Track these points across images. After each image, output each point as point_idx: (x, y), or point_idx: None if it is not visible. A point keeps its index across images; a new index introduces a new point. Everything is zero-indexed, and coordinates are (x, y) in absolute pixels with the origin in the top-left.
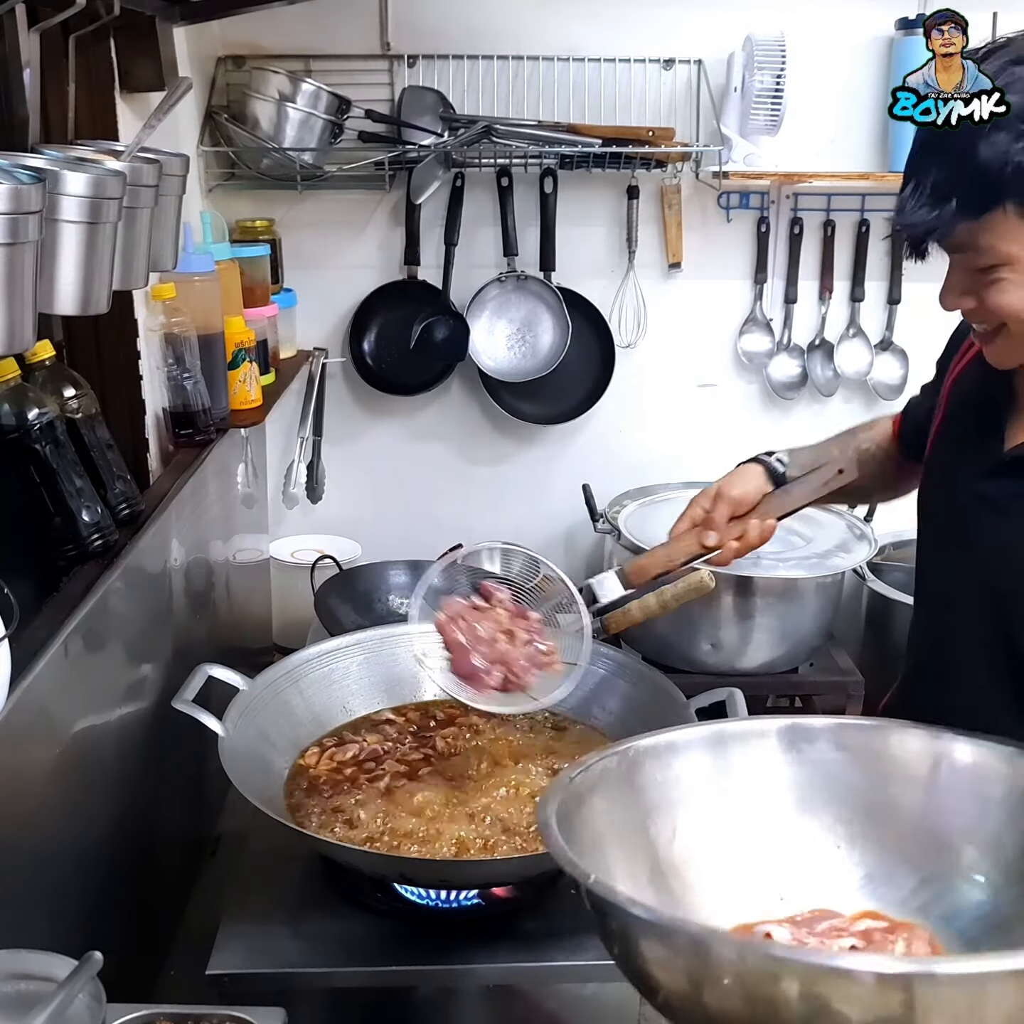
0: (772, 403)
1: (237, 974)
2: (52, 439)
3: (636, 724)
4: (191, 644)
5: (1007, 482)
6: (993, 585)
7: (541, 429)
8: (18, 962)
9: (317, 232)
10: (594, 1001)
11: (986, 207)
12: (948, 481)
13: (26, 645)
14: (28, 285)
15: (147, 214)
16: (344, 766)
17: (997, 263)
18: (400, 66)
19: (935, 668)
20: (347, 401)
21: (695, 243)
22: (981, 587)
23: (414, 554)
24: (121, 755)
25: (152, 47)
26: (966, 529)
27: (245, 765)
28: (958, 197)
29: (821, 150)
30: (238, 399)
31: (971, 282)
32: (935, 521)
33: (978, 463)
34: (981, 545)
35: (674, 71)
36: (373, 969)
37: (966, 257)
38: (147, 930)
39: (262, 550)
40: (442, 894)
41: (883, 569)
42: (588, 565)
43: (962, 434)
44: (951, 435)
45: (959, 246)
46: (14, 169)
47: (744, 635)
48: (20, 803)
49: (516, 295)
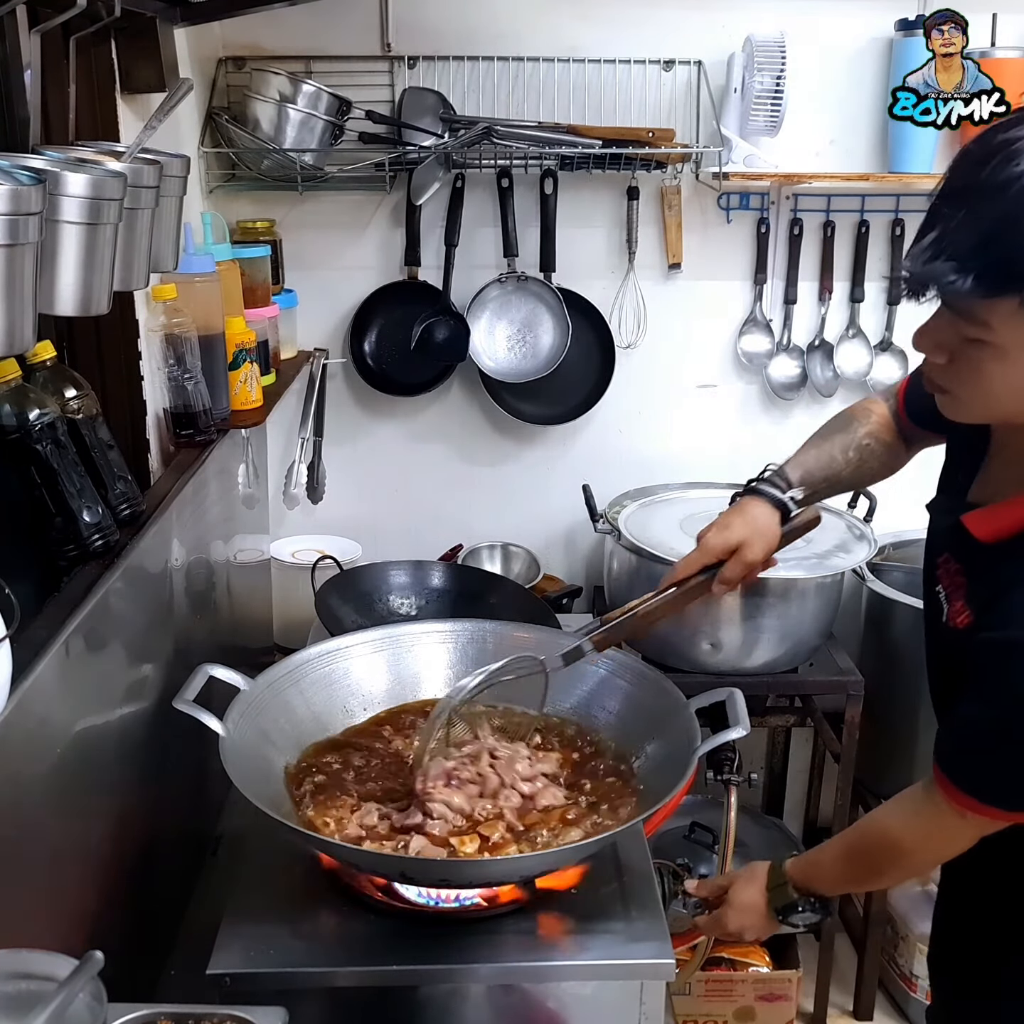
0: (772, 404)
1: (238, 973)
2: (53, 439)
3: (636, 724)
4: (192, 644)
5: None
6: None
7: (541, 429)
8: (19, 961)
9: (318, 233)
10: (595, 1000)
11: (1002, 291)
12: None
13: (27, 645)
14: (28, 286)
15: (148, 215)
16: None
17: (985, 340)
18: (400, 67)
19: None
20: (348, 402)
21: (695, 244)
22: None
23: (415, 554)
24: (122, 755)
25: (153, 48)
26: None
27: (246, 765)
28: (978, 272)
29: (821, 151)
30: (239, 399)
31: (951, 341)
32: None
33: (947, 502)
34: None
35: (674, 72)
36: (374, 968)
37: (958, 320)
38: (148, 929)
39: (263, 550)
40: (443, 893)
41: (883, 569)
42: (588, 565)
43: (951, 462)
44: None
45: (958, 310)
46: (14, 170)
47: (744, 635)
48: (21, 803)
49: (516, 296)
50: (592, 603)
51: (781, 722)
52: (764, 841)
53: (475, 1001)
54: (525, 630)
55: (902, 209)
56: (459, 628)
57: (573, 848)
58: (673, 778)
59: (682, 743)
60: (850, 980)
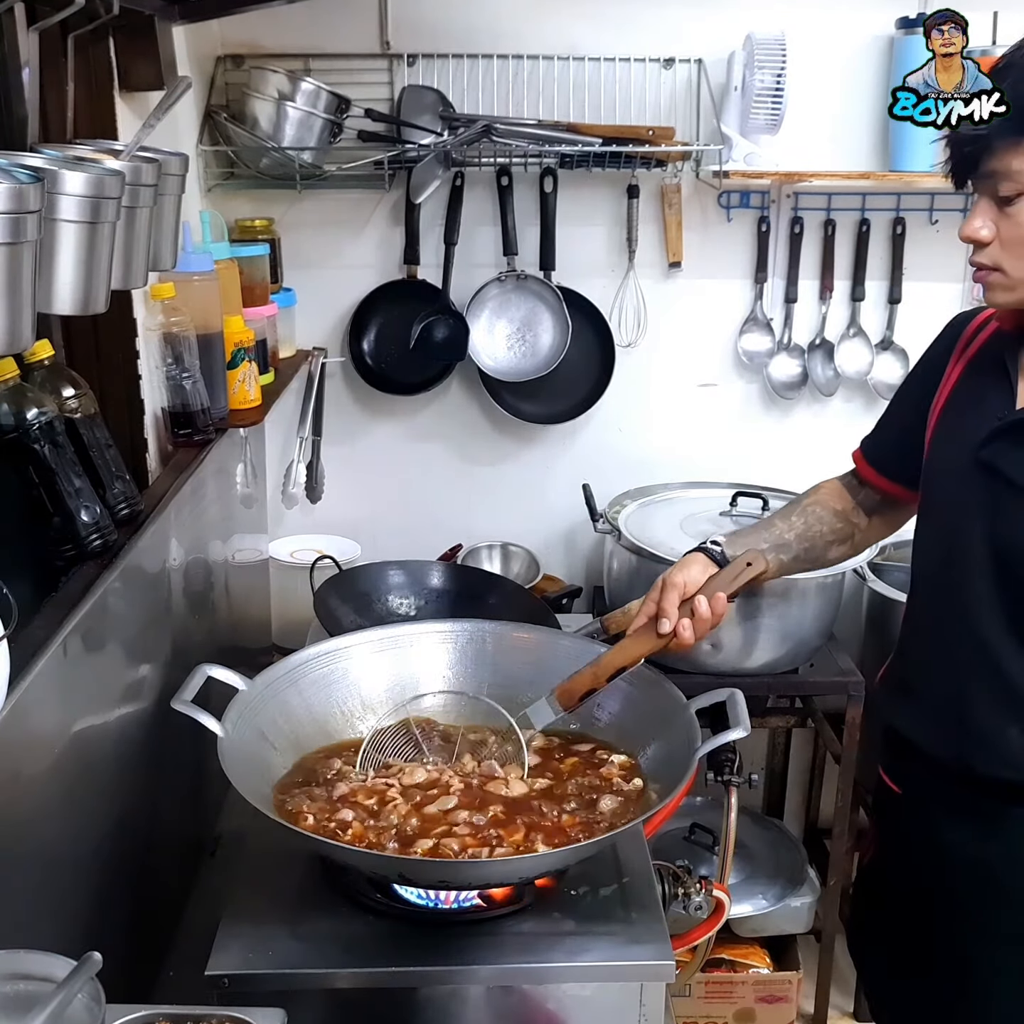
0: (772, 403)
1: (236, 974)
2: (51, 439)
3: (636, 725)
4: (190, 644)
5: (1012, 441)
6: (993, 541)
7: (541, 429)
8: (17, 962)
9: (316, 231)
10: (594, 1001)
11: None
12: (957, 444)
13: (25, 645)
14: (27, 285)
15: (146, 213)
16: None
17: (1021, 192)
18: (400, 65)
19: (941, 622)
20: (346, 401)
21: (695, 242)
22: (982, 543)
23: (414, 554)
24: (120, 756)
25: (151, 46)
26: (972, 489)
27: (244, 765)
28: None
29: (821, 149)
30: (237, 399)
31: (994, 213)
32: (941, 481)
33: (988, 424)
34: (985, 503)
35: (674, 70)
36: (372, 970)
37: (994, 184)
38: (146, 930)
39: (261, 550)
40: (441, 894)
41: (884, 569)
42: (588, 565)
43: (973, 401)
44: (961, 404)
45: (992, 171)
46: (13, 168)
47: (744, 636)
48: (19, 803)
49: (516, 294)
50: (592, 603)
51: (782, 723)
52: (764, 842)
53: (474, 1002)
54: (524, 630)
55: (903, 208)
56: (458, 628)
57: (573, 849)
58: (673, 779)
59: (682, 744)
60: (850, 981)
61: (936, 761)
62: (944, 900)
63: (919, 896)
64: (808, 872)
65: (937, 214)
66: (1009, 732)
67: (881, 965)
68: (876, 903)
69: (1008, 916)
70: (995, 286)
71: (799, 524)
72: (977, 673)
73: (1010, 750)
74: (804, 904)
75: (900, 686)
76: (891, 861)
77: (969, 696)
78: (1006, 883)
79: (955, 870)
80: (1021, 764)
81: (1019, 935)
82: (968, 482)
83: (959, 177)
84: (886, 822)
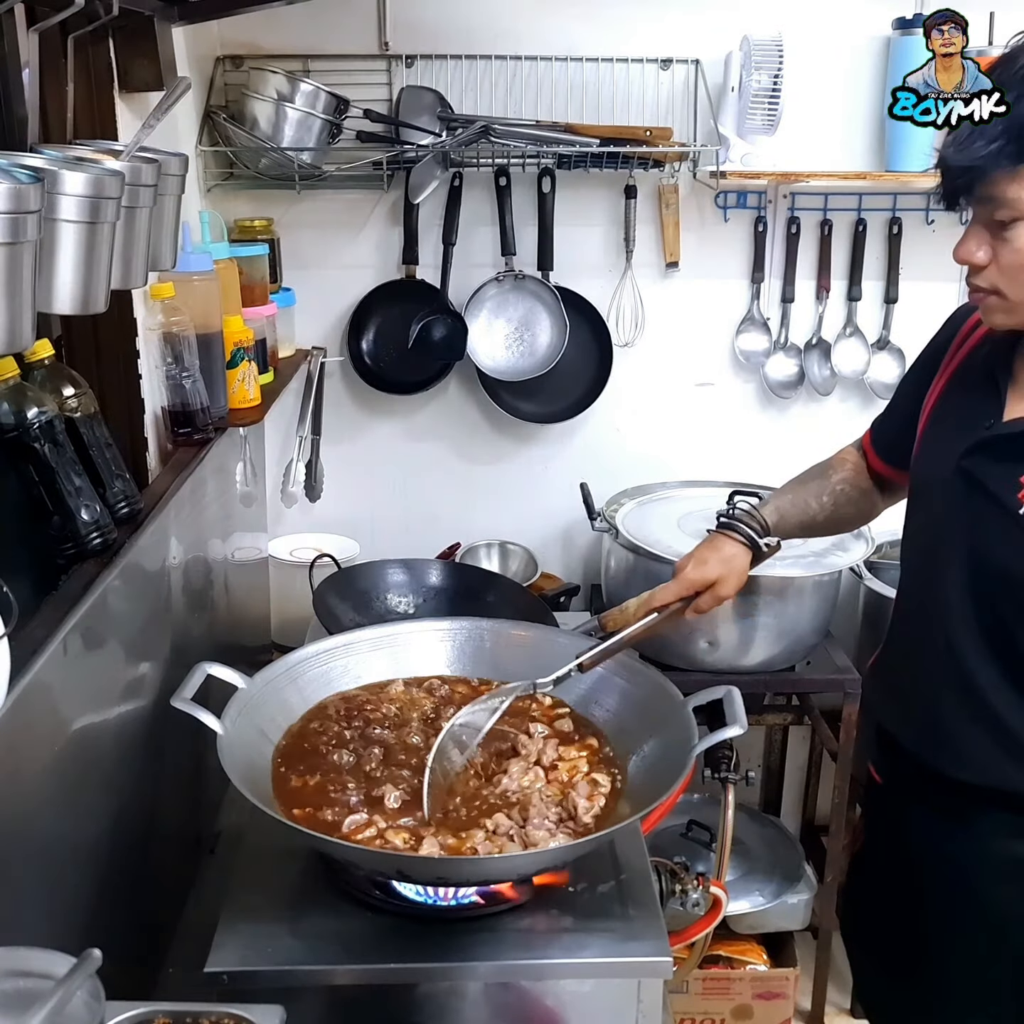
0: (769, 402)
1: (236, 972)
2: (51, 438)
3: (634, 721)
4: (190, 642)
5: (994, 454)
6: (970, 554)
7: (539, 428)
8: (17, 959)
9: (315, 231)
10: (592, 998)
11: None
12: (943, 448)
13: (25, 644)
14: (27, 284)
15: (146, 214)
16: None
17: (1017, 217)
18: (398, 66)
19: (918, 620)
20: (346, 400)
21: (692, 242)
22: (958, 552)
23: (412, 552)
24: (120, 753)
25: (151, 47)
26: (953, 498)
27: (244, 763)
28: (1006, 141)
29: (818, 150)
30: (237, 398)
31: (988, 236)
32: (926, 483)
33: (973, 434)
34: (964, 513)
35: (671, 71)
36: (372, 966)
37: (990, 209)
38: (146, 928)
39: (261, 548)
40: (440, 891)
41: (880, 567)
42: (586, 563)
43: (962, 405)
44: (950, 406)
45: (987, 197)
46: (13, 169)
47: (741, 633)
48: (19, 801)
49: (514, 294)
50: (590, 601)
51: (778, 720)
52: (761, 839)
53: (473, 999)
54: (523, 628)
55: (899, 208)
56: (457, 626)
57: (570, 846)
58: (670, 776)
59: (679, 741)
60: (847, 978)
61: (910, 755)
62: (914, 894)
63: (897, 888)
64: (805, 869)
65: (933, 214)
66: (974, 736)
67: (869, 957)
68: (863, 894)
69: (973, 912)
70: (994, 309)
71: (829, 505)
72: (946, 677)
73: (974, 755)
74: (801, 901)
75: (884, 679)
76: (874, 853)
77: (939, 698)
78: (972, 882)
79: (925, 865)
80: (985, 768)
81: (986, 930)
82: (949, 489)
83: (951, 200)
84: (870, 813)
